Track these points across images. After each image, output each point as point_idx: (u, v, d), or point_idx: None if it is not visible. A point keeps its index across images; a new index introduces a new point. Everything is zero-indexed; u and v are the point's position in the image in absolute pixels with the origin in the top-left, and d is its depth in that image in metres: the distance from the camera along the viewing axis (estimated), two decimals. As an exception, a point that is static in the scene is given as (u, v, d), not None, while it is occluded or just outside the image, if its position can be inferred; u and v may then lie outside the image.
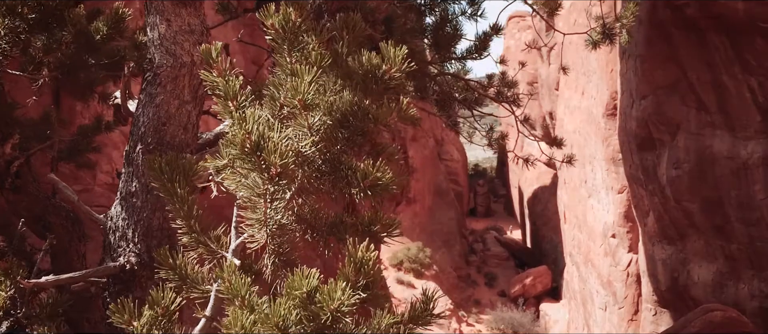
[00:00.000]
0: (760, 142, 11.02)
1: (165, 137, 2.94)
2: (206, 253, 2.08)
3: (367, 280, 1.82)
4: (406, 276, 29.88)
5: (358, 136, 2.03)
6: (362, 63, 1.97)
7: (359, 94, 1.98)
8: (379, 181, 1.93)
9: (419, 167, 34.82)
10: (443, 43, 5.17)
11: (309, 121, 1.94)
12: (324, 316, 1.73)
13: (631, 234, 16.54)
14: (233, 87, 1.94)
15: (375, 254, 1.82)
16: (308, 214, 2.12)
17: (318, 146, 1.99)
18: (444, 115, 5.79)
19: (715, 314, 8.97)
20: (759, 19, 10.18)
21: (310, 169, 2.01)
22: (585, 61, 20.47)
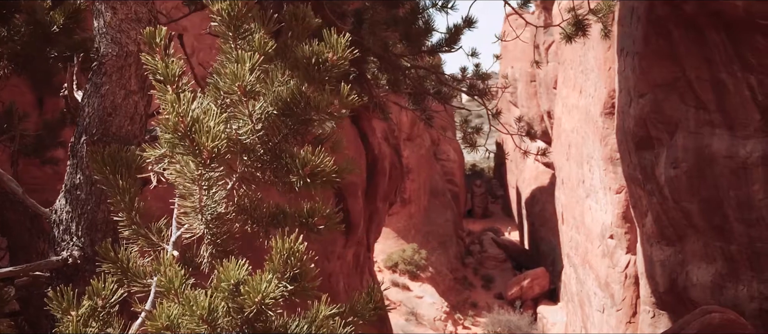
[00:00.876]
0: (759, 141, 11.01)
1: (110, 128, 2.93)
2: (147, 245, 2.08)
3: (294, 272, 1.81)
4: (401, 278, 29.88)
5: (301, 124, 2.02)
6: (305, 50, 1.97)
7: (302, 83, 1.98)
8: (317, 168, 1.92)
9: (414, 167, 34.81)
10: (414, 36, 5.18)
11: (250, 109, 1.94)
12: (248, 308, 1.72)
13: (629, 235, 16.54)
14: (173, 71, 1.93)
15: (303, 245, 1.82)
16: (249, 204, 2.12)
17: (259, 134, 1.98)
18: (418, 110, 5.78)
19: (714, 315, 8.96)
20: (759, 16, 10.18)
21: (250, 158, 2.01)
22: (583, 59, 20.49)
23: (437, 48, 5.40)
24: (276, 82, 2.01)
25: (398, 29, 5.14)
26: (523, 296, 31.35)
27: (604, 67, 17.67)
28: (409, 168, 33.81)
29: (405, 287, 29.52)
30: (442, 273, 32.49)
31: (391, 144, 19.14)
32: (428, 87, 5.71)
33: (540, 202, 35.25)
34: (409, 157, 33.88)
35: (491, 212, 49.89)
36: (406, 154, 33.08)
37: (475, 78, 6.04)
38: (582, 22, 5.19)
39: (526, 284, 31.64)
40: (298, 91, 1.98)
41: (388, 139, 18.98)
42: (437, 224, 36.00)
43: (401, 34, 5.16)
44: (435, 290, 30.18)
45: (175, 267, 1.83)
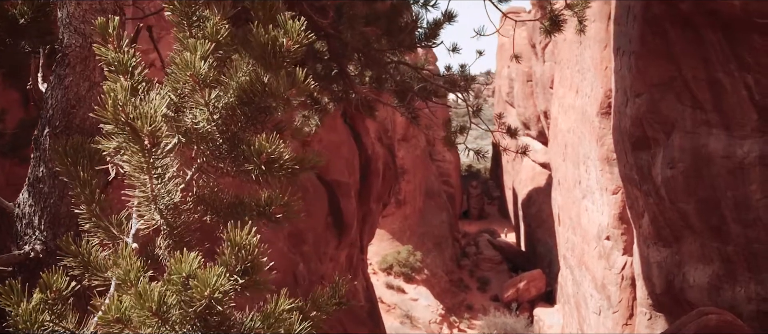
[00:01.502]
0: (756, 141, 11.04)
1: (74, 121, 2.91)
2: (107, 238, 2.08)
3: (245, 265, 1.81)
4: (395, 281, 29.87)
5: (259, 113, 2.02)
6: (261, 36, 1.96)
7: (259, 70, 1.98)
8: (273, 155, 1.92)
9: (410, 168, 34.82)
10: (395, 32, 5.19)
11: (206, 98, 1.93)
12: (198, 302, 1.72)
13: (625, 236, 16.57)
14: (126, 62, 1.92)
15: (256, 237, 1.82)
16: (208, 195, 2.12)
17: (216, 124, 1.97)
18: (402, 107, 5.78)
19: (711, 317, 8.98)
20: (756, 14, 10.21)
21: (209, 147, 2.00)
22: (579, 58, 20.52)
23: (417, 43, 5.40)
24: (240, 71, 2.00)
25: (379, 25, 5.13)
26: (520, 298, 31.37)
27: (601, 67, 17.70)
28: (404, 169, 33.81)
29: (400, 290, 29.51)
30: (438, 275, 32.48)
31: (385, 144, 19.14)
32: (412, 84, 5.70)
33: (536, 203, 35.29)
34: (404, 157, 33.89)
35: (487, 214, 49.92)
36: (401, 154, 33.09)
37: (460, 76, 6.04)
38: (557, 18, 5.20)
39: (523, 286, 31.66)
40: (256, 79, 1.97)
41: (382, 140, 18.98)
42: (432, 226, 36.02)
43: (382, 30, 5.16)
44: (430, 292, 30.17)
45: (132, 259, 1.83)
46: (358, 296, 17.04)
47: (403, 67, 5.66)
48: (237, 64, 2.02)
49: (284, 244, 13.40)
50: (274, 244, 12.97)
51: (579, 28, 5.52)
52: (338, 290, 2.23)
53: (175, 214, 2.02)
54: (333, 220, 15.48)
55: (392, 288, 29.32)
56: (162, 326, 1.74)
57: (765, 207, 11.06)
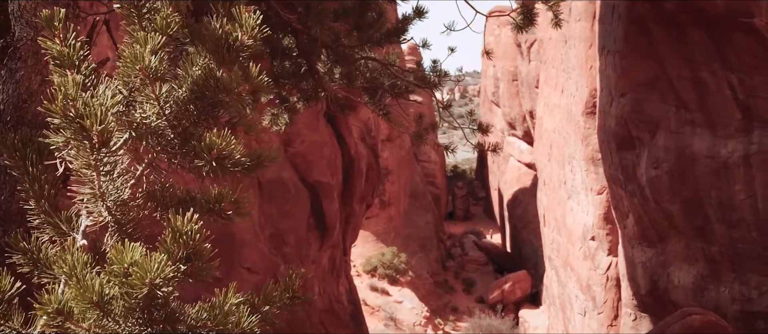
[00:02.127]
0: (740, 140, 11.15)
1: (26, 115, 2.89)
2: (56, 234, 2.05)
3: (187, 252, 1.80)
4: (380, 283, 29.85)
5: (212, 108, 2.01)
6: (214, 30, 1.95)
7: (213, 64, 1.97)
8: (224, 151, 1.91)
9: (394, 168, 34.81)
10: (364, 27, 5.17)
11: (157, 93, 1.92)
12: (138, 290, 1.71)
13: (610, 236, 16.67)
14: (73, 55, 1.90)
15: (198, 224, 1.80)
16: (158, 191, 2.10)
17: (167, 118, 1.96)
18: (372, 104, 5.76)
19: (695, 317, 9.05)
20: (739, 14, 10.31)
21: (160, 143, 1.99)
22: (565, 57, 20.62)
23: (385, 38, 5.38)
24: (195, 66, 1.98)
25: (348, 20, 5.11)
26: (505, 299, 31.47)
27: (586, 66, 17.80)
28: (388, 169, 33.79)
29: (384, 292, 29.49)
30: (423, 277, 32.50)
31: (368, 144, 19.12)
32: (383, 81, 5.68)
33: (522, 203, 35.44)
34: (388, 158, 33.87)
35: (473, 214, 50.05)
36: (386, 155, 33.07)
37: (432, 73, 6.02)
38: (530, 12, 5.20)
39: (508, 288, 31.77)
40: (209, 73, 1.95)
41: (366, 140, 18.96)
42: (417, 227, 36.03)
43: (351, 25, 5.15)
44: (415, 294, 30.19)
45: (77, 254, 1.81)
46: (341, 298, 17.00)
47: (373, 64, 5.64)
48: (192, 58, 2.00)
49: (265, 245, 13.33)
50: (255, 245, 12.90)
51: (554, 23, 5.52)
52: (292, 283, 2.22)
53: (124, 210, 2.00)
54: (315, 221, 15.43)
55: (376, 290, 29.30)
56: (104, 317, 1.72)
57: (749, 207, 11.17)
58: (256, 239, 12.99)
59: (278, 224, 14.25)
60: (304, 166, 15.67)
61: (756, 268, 11.40)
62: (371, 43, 5.36)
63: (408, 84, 5.81)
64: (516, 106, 37.18)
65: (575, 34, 18.73)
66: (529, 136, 34.72)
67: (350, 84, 5.66)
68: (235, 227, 12.49)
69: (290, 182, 14.94)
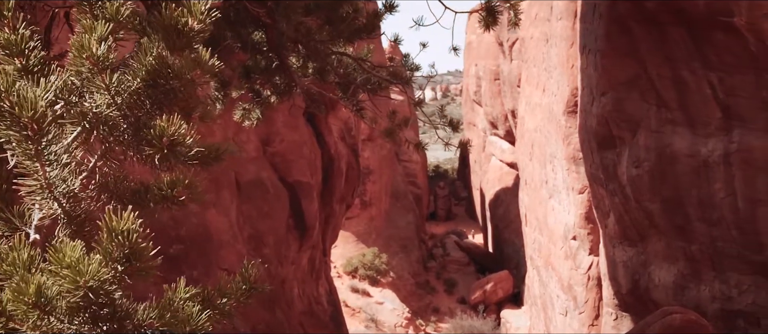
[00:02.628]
0: (720, 139, 11.27)
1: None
2: (8, 230, 2.01)
3: (125, 252, 1.78)
4: (361, 284, 29.81)
5: (166, 96, 2.00)
6: (165, 17, 1.94)
7: (164, 52, 1.95)
8: (175, 138, 1.88)
9: (375, 168, 34.80)
10: (336, 21, 5.16)
11: (107, 82, 1.90)
12: (74, 292, 1.69)
13: (592, 236, 16.78)
14: (21, 44, 1.87)
15: (136, 223, 1.79)
16: (112, 182, 2.08)
17: (118, 108, 1.94)
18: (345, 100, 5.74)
19: (675, 317, 9.13)
20: (719, 13, 10.40)
21: (110, 132, 1.96)
22: (546, 56, 20.73)
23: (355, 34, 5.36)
24: (149, 54, 1.95)
25: (319, 14, 5.09)
26: (487, 300, 31.58)
27: (567, 65, 17.90)
28: (369, 169, 33.76)
29: (365, 293, 29.45)
30: (404, 278, 32.51)
31: (348, 144, 19.07)
32: (356, 76, 5.65)
33: (504, 203, 35.59)
34: (369, 158, 33.85)
35: (455, 215, 50.21)
36: (367, 154, 33.04)
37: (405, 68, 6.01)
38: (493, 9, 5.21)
39: (490, 288, 31.88)
40: (160, 60, 1.92)
41: (346, 139, 18.91)
42: (399, 227, 36.05)
43: (323, 20, 5.12)
44: (396, 295, 30.19)
45: (20, 250, 1.78)
46: (320, 299, 16.93)
47: (346, 60, 5.61)
48: (145, 47, 1.97)
49: (244, 246, 13.24)
50: (233, 246, 12.81)
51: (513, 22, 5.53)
52: (248, 275, 2.20)
53: (75, 203, 1.95)
54: (294, 222, 15.36)
55: (357, 291, 29.25)
56: (45, 318, 1.69)
57: (729, 206, 11.29)
58: (234, 240, 12.90)
59: (257, 225, 14.16)
60: (283, 165, 15.59)
61: (736, 266, 11.53)
62: (343, 38, 5.34)
63: (381, 80, 5.78)
64: (498, 106, 37.32)
65: (556, 32, 18.85)
66: (511, 136, 34.88)
67: (323, 79, 5.63)
68: (213, 228, 12.38)
69: (269, 181, 14.85)
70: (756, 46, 10.08)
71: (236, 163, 14.05)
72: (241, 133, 14.48)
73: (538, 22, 22.01)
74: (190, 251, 11.51)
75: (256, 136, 15.07)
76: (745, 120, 10.79)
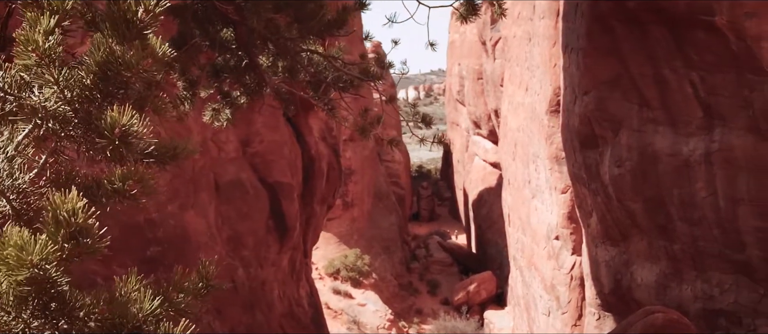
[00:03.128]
0: (701, 138, 11.37)
1: None
2: None
3: (71, 230, 1.77)
4: (343, 286, 29.73)
5: (117, 88, 1.98)
6: (115, 7, 1.93)
7: (114, 43, 1.93)
8: (126, 128, 1.86)
9: (358, 168, 34.75)
10: (305, 19, 5.13)
11: (55, 76, 1.88)
12: (20, 272, 1.68)
13: (574, 236, 16.87)
14: None
15: (82, 202, 1.79)
16: (63, 177, 2.06)
17: (68, 102, 1.92)
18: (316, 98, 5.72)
19: (657, 316, 9.20)
20: (700, 12, 10.51)
21: (61, 127, 1.93)
22: (529, 55, 20.83)
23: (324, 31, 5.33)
24: (102, 46, 1.93)
25: (289, 12, 5.05)
26: (470, 301, 31.66)
27: (550, 64, 17.99)
28: (351, 170, 33.71)
29: (347, 295, 29.39)
30: (386, 279, 32.50)
31: (329, 144, 19.03)
32: (327, 74, 5.62)
33: (487, 203, 35.70)
34: (351, 158, 33.79)
35: (438, 215, 50.27)
36: (349, 155, 32.98)
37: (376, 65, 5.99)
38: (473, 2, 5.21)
39: (473, 289, 31.96)
40: (110, 52, 1.90)
41: (327, 139, 18.86)
42: (381, 228, 36.02)
43: (292, 17, 5.09)
44: (379, 297, 30.15)
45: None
46: (301, 302, 16.86)
47: (317, 57, 5.58)
48: (98, 40, 1.95)
49: (222, 248, 13.14)
50: (212, 248, 12.71)
51: (498, 13, 5.53)
52: (206, 271, 2.19)
53: (23, 198, 1.93)
54: (274, 223, 15.28)
55: (339, 293, 29.17)
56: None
57: (710, 205, 11.41)
58: (212, 241, 12.80)
59: (236, 226, 14.07)
60: (263, 166, 15.50)
61: (717, 266, 11.65)
62: (312, 34, 5.30)
63: (353, 78, 5.75)
64: (481, 105, 37.43)
65: (539, 31, 18.93)
66: (494, 136, 34.99)
67: (293, 78, 5.59)
68: (191, 230, 12.28)
69: (248, 182, 14.76)
70: (737, 45, 10.19)
71: (215, 164, 13.95)
72: (220, 134, 14.38)
73: (520, 21, 22.10)
74: (168, 253, 11.41)
75: (236, 136, 14.98)
76: (726, 119, 10.90)
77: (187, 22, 4.66)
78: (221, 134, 14.41)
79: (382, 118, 5.98)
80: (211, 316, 11.87)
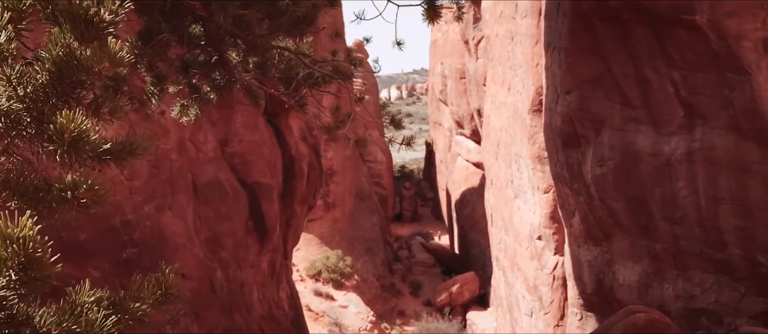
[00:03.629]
0: (683, 137, 11.47)
1: None
2: None
3: (18, 259, 1.72)
4: (324, 287, 29.66)
5: (73, 89, 1.95)
6: (74, 6, 1.90)
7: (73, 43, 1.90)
8: (75, 132, 1.82)
9: (339, 169, 34.68)
10: (275, 15, 5.10)
11: (8, 73, 1.85)
12: None
13: (557, 236, 16.96)
14: None
15: (34, 229, 1.74)
16: (14, 178, 2.02)
17: (21, 100, 1.89)
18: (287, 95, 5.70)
19: (638, 316, 9.26)
20: (682, 11, 10.60)
21: (13, 126, 1.89)
22: (511, 54, 20.90)
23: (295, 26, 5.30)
24: (59, 45, 1.89)
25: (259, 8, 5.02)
26: (453, 302, 31.71)
27: (532, 63, 18.07)
28: (333, 170, 33.64)
29: (328, 297, 29.32)
30: (369, 281, 32.47)
31: (309, 144, 18.96)
32: (299, 71, 5.59)
33: (470, 204, 35.78)
34: (333, 158, 33.72)
35: (421, 216, 50.31)
36: (330, 155, 32.91)
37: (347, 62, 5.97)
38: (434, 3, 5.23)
39: (456, 290, 32.02)
40: (68, 52, 1.86)
41: (307, 139, 18.79)
42: (363, 229, 35.98)
43: (262, 13, 5.06)
44: (360, 298, 30.12)
45: None
46: (281, 304, 16.78)
47: (288, 54, 5.55)
48: (56, 38, 1.91)
49: (200, 250, 13.04)
50: (190, 250, 12.60)
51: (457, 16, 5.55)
52: (164, 279, 2.15)
53: None
54: (254, 224, 15.19)
55: (321, 295, 29.10)
56: None
57: (691, 204, 11.51)
58: (190, 243, 12.69)
59: (214, 228, 13.96)
60: (242, 166, 15.41)
61: (699, 265, 11.76)
62: (281, 31, 5.27)
63: (324, 75, 5.73)
64: (464, 105, 37.53)
65: (521, 30, 19.01)
66: (477, 135, 35.08)
67: (264, 75, 5.55)
68: (168, 231, 12.16)
69: (227, 183, 14.66)
70: (718, 44, 10.30)
71: (193, 164, 13.84)
72: (198, 134, 14.27)
73: (503, 20, 22.17)
74: (144, 255, 11.28)
75: (214, 136, 14.88)
76: (707, 118, 11.01)
77: (154, 17, 4.60)
78: (199, 134, 14.30)
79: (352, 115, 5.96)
80: (189, 319, 11.76)
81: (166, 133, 12.53)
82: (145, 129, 11.69)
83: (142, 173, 11.81)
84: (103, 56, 1.88)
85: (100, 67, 1.89)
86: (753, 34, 10.03)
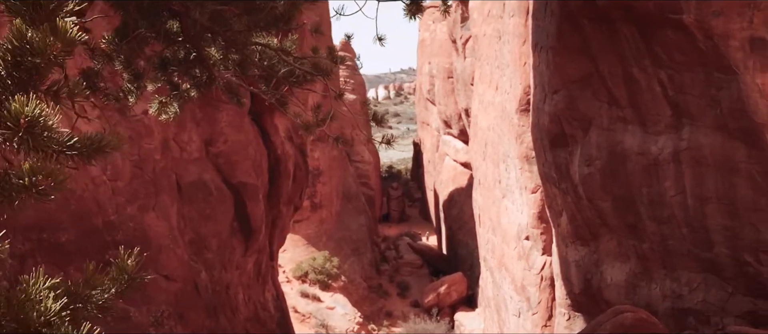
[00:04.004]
0: (670, 137, 11.53)
1: None
2: None
3: None
4: (311, 289, 29.61)
5: (28, 74, 1.91)
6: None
7: (24, 28, 1.86)
8: (31, 119, 1.79)
9: (326, 169, 34.62)
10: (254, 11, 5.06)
11: None
12: None
13: (544, 236, 17.00)
14: None
15: None
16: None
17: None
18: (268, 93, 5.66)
19: (626, 315, 9.30)
20: (669, 10, 10.65)
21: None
22: (499, 54, 20.94)
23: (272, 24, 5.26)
24: (13, 31, 1.86)
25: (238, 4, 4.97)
26: (441, 303, 31.74)
27: (520, 63, 18.11)
28: (319, 170, 33.57)
29: (315, 298, 29.27)
30: (356, 282, 32.44)
31: (295, 144, 18.91)
32: (280, 68, 5.55)
33: (458, 204, 35.84)
34: (320, 158, 33.66)
35: (408, 216, 50.36)
36: (317, 155, 32.85)
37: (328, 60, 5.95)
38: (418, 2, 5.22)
39: (444, 291, 32.05)
40: (20, 36, 1.83)
41: (293, 139, 18.74)
42: (351, 230, 35.95)
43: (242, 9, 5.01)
44: (348, 300, 30.09)
45: None
46: (267, 305, 16.72)
47: (269, 51, 5.50)
48: (17, 26, 1.88)
49: (185, 251, 12.95)
50: (174, 251, 12.52)
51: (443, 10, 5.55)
52: (125, 265, 2.13)
53: None
54: (239, 225, 15.12)
55: (307, 296, 29.04)
56: None
57: (679, 204, 11.57)
58: (174, 244, 12.61)
59: (199, 228, 13.88)
60: (227, 166, 15.33)
61: (686, 264, 11.83)
62: (258, 27, 5.22)
63: (305, 73, 5.69)
64: (451, 104, 37.59)
65: (509, 30, 19.05)
66: (465, 135, 35.14)
67: (244, 72, 5.50)
68: (152, 232, 12.08)
69: (212, 183, 14.58)
70: (705, 43, 10.36)
71: (177, 165, 13.75)
72: (182, 133, 14.17)
73: (490, 19, 22.22)
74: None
75: (199, 136, 14.79)
76: (694, 118, 11.07)
77: (130, 12, 4.55)
78: (183, 134, 14.21)
79: (331, 111, 5.93)
80: (173, 320, 11.69)
81: (149, 132, 12.44)
82: (128, 128, 11.60)
83: (125, 173, 11.72)
84: (53, 37, 1.84)
85: (53, 49, 1.85)
86: (740, 33, 10.09)
